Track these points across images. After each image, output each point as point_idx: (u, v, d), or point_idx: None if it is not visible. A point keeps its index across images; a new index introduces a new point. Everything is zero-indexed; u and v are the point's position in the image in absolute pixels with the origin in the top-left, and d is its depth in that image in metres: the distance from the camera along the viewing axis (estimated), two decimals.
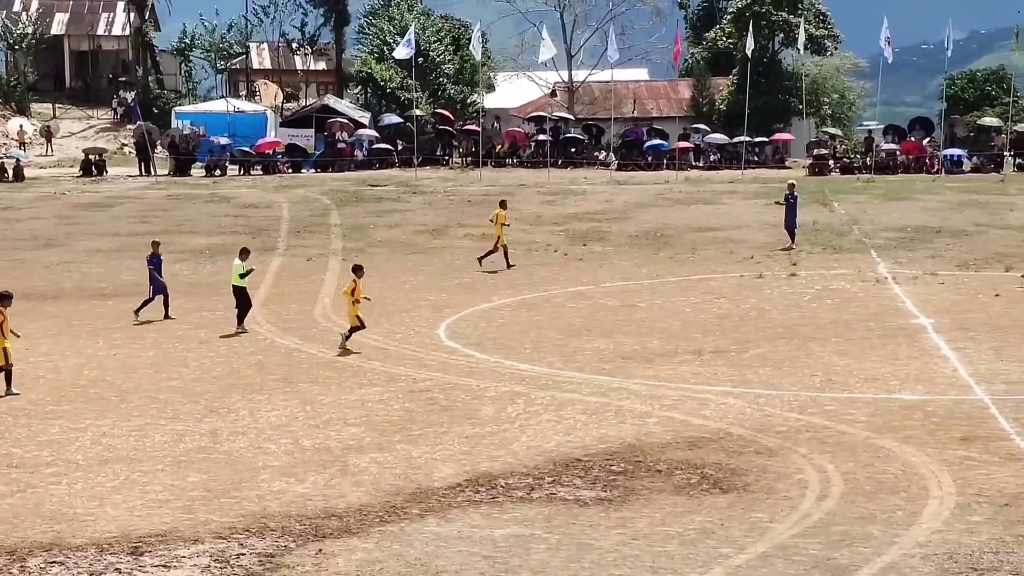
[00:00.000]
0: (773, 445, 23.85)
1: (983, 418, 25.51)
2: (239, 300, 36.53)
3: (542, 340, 34.24)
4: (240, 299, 36.53)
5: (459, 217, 56.57)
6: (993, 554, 18.13)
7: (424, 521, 20.03)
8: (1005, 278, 42.07)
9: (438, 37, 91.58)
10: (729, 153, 75.63)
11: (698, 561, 18.11)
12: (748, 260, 46.46)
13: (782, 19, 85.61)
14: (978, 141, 74.60)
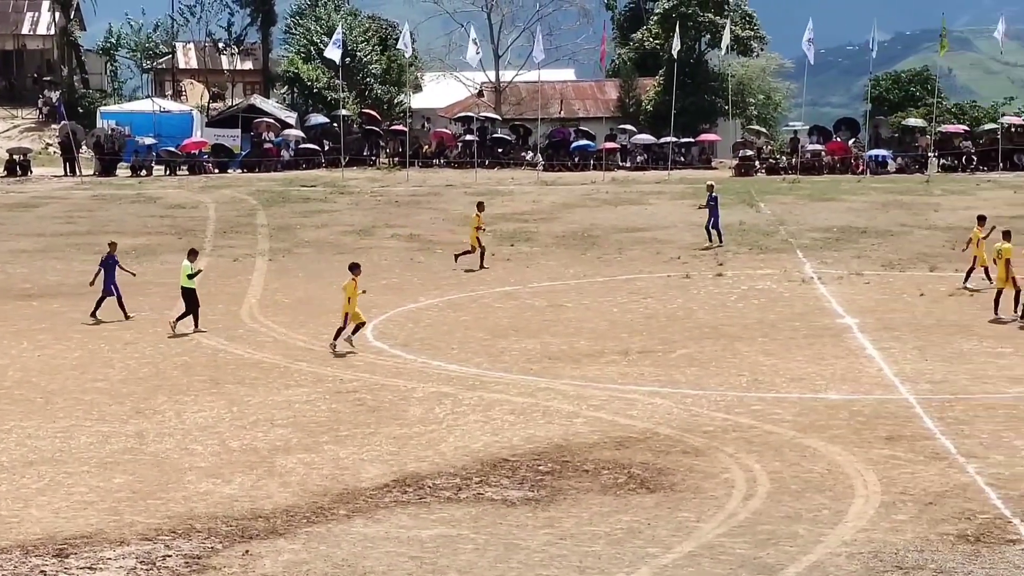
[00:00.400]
0: (700, 445, 23.93)
1: (908, 417, 25.72)
2: (188, 301, 36.21)
3: (469, 341, 34.22)
4: (189, 300, 36.22)
5: (386, 217, 56.45)
6: (918, 552, 18.27)
7: (351, 522, 19.97)
8: (929, 278, 42.42)
9: (365, 37, 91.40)
10: (655, 154, 75.81)
11: (625, 561, 18.14)
12: (675, 260, 46.61)
13: (708, 20, 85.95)
14: (903, 142, 75.15)
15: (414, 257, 48.01)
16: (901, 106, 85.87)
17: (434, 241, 51.17)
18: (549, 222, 55.02)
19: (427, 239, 51.44)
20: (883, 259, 46.09)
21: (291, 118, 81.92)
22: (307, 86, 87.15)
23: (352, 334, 33.12)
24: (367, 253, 48.78)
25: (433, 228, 53.82)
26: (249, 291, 42.46)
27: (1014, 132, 73.69)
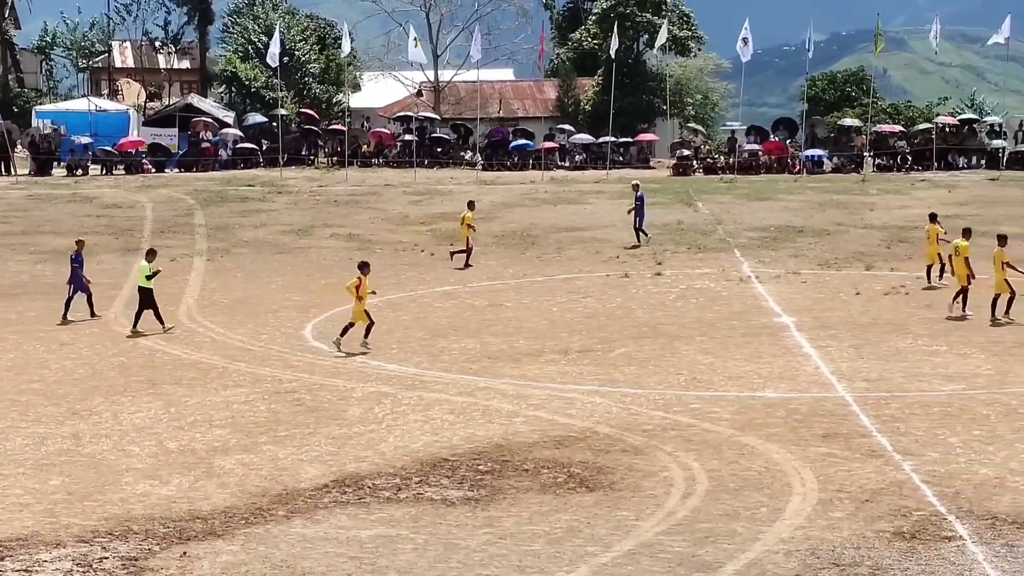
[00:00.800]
0: (639, 443, 24.01)
1: (844, 415, 25.88)
2: (143, 301, 36.00)
3: (409, 340, 34.19)
4: (145, 300, 36.01)
5: (325, 217, 56.31)
6: (854, 549, 18.39)
7: (290, 522, 19.92)
8: (865, 277, 42.71)
9: (303, 36, 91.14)
10: (594, 153, 75.95)
11: (565, 560, 18.18)
12: (614, 260, 46.72)
13: (646, 20, 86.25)
14: (838, 142, 75.58)
15: (353, 257, 47.79)
16: (837, 106, 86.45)
17: (373, 241, 51.10)
18: (488, 222, 55.01)
19: (366, 239, 51.36)
20: (820, 258, 46.36)
21: (229, 117, 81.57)
22: (245, 85, 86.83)
23: (342, 334, 32.92)
24: (305, 253, 48.72)
25: (372, 228, 53.74)
26: (187, 291, 42.28)
27: (948, 132, 74.32)
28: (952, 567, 17.71)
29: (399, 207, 58.99)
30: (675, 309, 38.03)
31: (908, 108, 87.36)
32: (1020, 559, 17.94)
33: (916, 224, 52.66)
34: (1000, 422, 25.12)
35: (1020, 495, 20.66)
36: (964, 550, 18.33)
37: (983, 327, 34.52)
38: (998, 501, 20.37)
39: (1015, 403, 26.50)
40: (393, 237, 51.85)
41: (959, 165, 72.11)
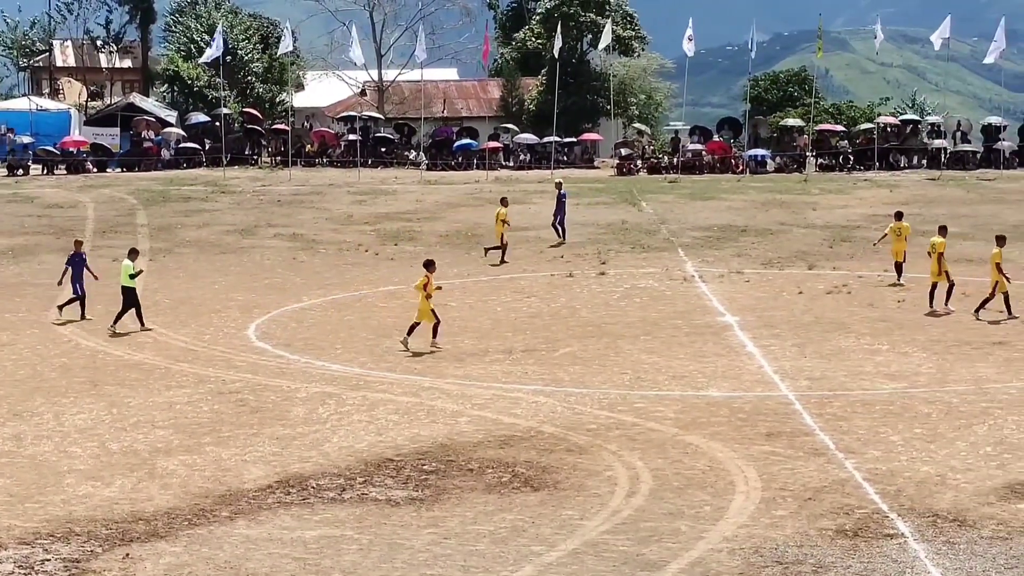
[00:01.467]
0: (583, 443, 24.05)
1: (788, 414, 26.01)
2: (127, 300, 35.91)
3: (353, 340, 34.14)
4: (128, 299, 35.90)
5: (268, 217, 56.14)
6: (797, 547, 18.49)
7: (234, 523, 19.85)
8: (808, 276, 42.93)
9: (246, 35, 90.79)
10: (538, 153, 76.06)
11: (509, 559, 18.19)
12: (558, 259, 46.79)
13: (590, 20, 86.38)
14: (781, 141, 75.97)
15: (297, 256, 47.81)
16: (779, 106, 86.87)
17: (317, 241, 51.00)
18: (433, 221, 55.03)
19: (310, 239, 51.25)
20: (763, 257, 46.58)
21: (171, 117, 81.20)
22: (187, 84, 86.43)
23: (408, 333, 32.88)
24: (249, 253, 48.57)
25: (316, 228, 53.63)
26: None
27: (889, 132, 74.83)
28: (894, 564, 17.83)
29: (343, 207, 58.88)
30: (619, 308, 38.12)
31: (850, 108, 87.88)
32: (961, 556, 18.08)
33: (858, 224, 53.10)
34: (941, 420, 25.31)
35: (961, 493, 20.82)
36: (906, 547, 18.46)
37: (924, 326, 34.77)
38: (939, 499, 20.52)
39: (956, 401, 26.71)
40: (337, 237, 51.75)
41: (900, 165, 72.59)
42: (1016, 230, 51.02)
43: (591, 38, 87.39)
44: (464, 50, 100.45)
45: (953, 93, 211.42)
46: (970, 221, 52.88)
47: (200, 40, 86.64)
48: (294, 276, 44.21)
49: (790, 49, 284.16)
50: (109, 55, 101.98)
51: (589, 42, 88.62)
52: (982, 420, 25.26)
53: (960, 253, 45.99)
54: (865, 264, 44.87)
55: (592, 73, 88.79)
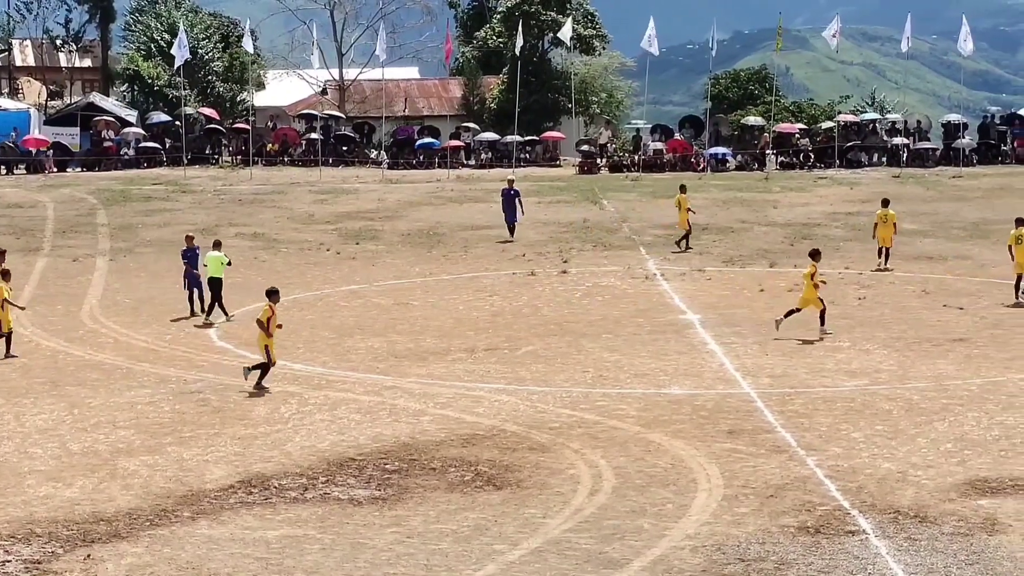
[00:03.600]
0: (546, 441, 24.06)
1: (749, 411, 26.08)
2: (216, 291, 36.80)
3: (315, 340, 34.08)
4: (216, 290, 36.78)
5: (229, 216, 55.98)
6: (759, 544, 18.54)
7: (196, 524, 19.79)
8: (769, 274, 43.05)
9: (207, 35, 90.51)
10: (500, 152, 76.09)
11: (472, 558, 18.19)
12: (520, 258, 46.81)
13: (551, 19, 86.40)
14: (742, 140, 76.18)
15: (258, 256, 47.68)
16: (740, 104, 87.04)
17: (279, 240, 50.88)
18: (394, 220, 54.98)
19: (271, 238, 51.12)
20: (724, 255, 46.68)
21: (132, 116, 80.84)
22: (148, 84, 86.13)
23: (785, 316, 33.44)
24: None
25: (277, 227, 53.50)
26: (89, 291, 41.87)
27: (850, 130, 75.15)
28: (856, 561, 17.90)
29: (304, 206, 58.77)
30: (581, 307, 38.16)
31: (810, 106, 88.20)
32: (922, 552, 18.16)
33: (819, 221, 53.28)
34: (902, 417, 25.43)
35: (922, 489, 20.92)
36: (867, 544, 18.53)
37: (885, 323, 34.91)
38: (900, 495, 20.61)
39: (916, 398, 26.83)
40: (299, 236, 51.64)
41: (861, 163, 72.87)
42: (976, 228, 51.37)
43: (552, 37, 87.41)
44: (425, 49, 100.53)
45: (913, 91, 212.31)
46: (930, 219, 53.13)
47: (160, 39, 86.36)
48: (255, 276, 44.03)
49: (751, 48, 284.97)
50: (69, 54, 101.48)
51: (550, 41, 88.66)
52: (942, 417, 25.38)
53: (920, 250, 46.27)
54: (826, 262, 44.88)
55: (553, 72, 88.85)
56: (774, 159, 73.60)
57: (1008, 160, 73.35)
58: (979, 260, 44.94)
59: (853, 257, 45.80)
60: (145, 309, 38.70)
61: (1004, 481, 21.28)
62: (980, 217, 53.82)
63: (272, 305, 29.02)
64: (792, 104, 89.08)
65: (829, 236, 50.17)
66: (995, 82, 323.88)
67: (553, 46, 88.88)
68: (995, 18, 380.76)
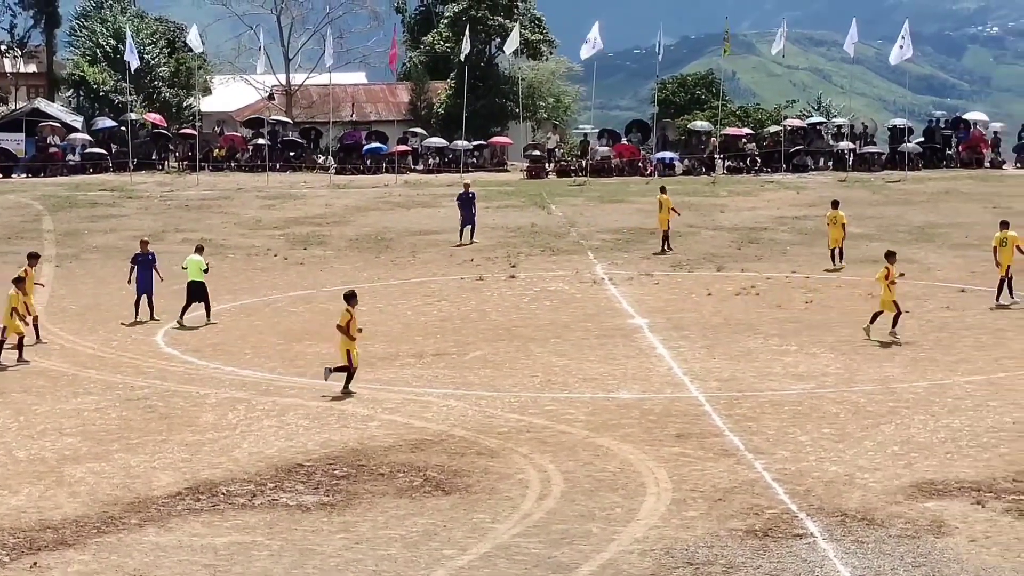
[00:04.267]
0: (495, 446, 24.07)
1: (697, 415, 26.16)
2: (195, 295, 37.03)
3: (263, 345, 33.98)
4: (198, 294, 37.02)
5: (176, 222, 55.76)
6: (708, 548, 18.60)
7: (143, 531, 19.70)
8: (717, 278, 43.18)
9: (153, 40, 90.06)
10: (448, 157, 76.06)
11: (421, 563, 18.18)
12: (468, 263, 46.81)
13: (498, 24, 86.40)
14: (689, 144, 76.40)
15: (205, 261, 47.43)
16: (687, 109, 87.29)
17: (226, 245, 50.69)
18: (342, 225, 54.88)
19: (219, 243, 50.90)
20: (672, 260, 46.80)
21: (77, 122, 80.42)
22: (93, 89, 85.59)
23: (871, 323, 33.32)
24: (157, 258, 48.07)
25: (224, 232, 53.31)
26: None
27: (796, 134, 75.50)
28: (803, 564, 17.98)
29: (252, 211, 58.60)
30: (529, 311, 38.18)
31: (757, 111, 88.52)
32: (869, 555, 18.26)
33: (765, 226, 53.49)
34: (849, 420, 25.56)
35: (869, 492, 21.03)
36: (815, 547, 18.62)
37: (831, 327, 35.07)
38: (847, 498, 20.71)
39: (863, 401, 26.98)
40: (246, 242, 51.47)
41: (807, 167, 73.20)
42: (921, 231, 51.70)
43: (499, 42, 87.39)
44: (372, 54, 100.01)
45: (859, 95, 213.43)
46: (876, 222, 53.42)
47: (106, 45, 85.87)
48: None
49: (697, 52, 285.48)
50: (13, 60, 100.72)
51: (497, 46, 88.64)
52: (889, 420, 25.53)
53: (865, 254, 46.46)
54: (773, 266, 45.22)
55: (501, 77, 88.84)
56: (721, 163, 73.84)
57: (953, 164, 73.88)
58: (925, 264, 45.22)
59: (800, 261, 46.02)
60: (91, 315, 38.49)
61: (950, 483, 21.43)
62: (925, 221, 54.17)
63: (351, 309, 28.71)
64: (739, 109, 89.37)
65: (776, 240, 50.40)
66: (940, 86, 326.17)
67: (500, 51, 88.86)
68: (940, 23, 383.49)
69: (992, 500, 20.53)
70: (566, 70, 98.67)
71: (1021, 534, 19.03)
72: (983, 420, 25.47)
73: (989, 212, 56.24)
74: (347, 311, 28.57)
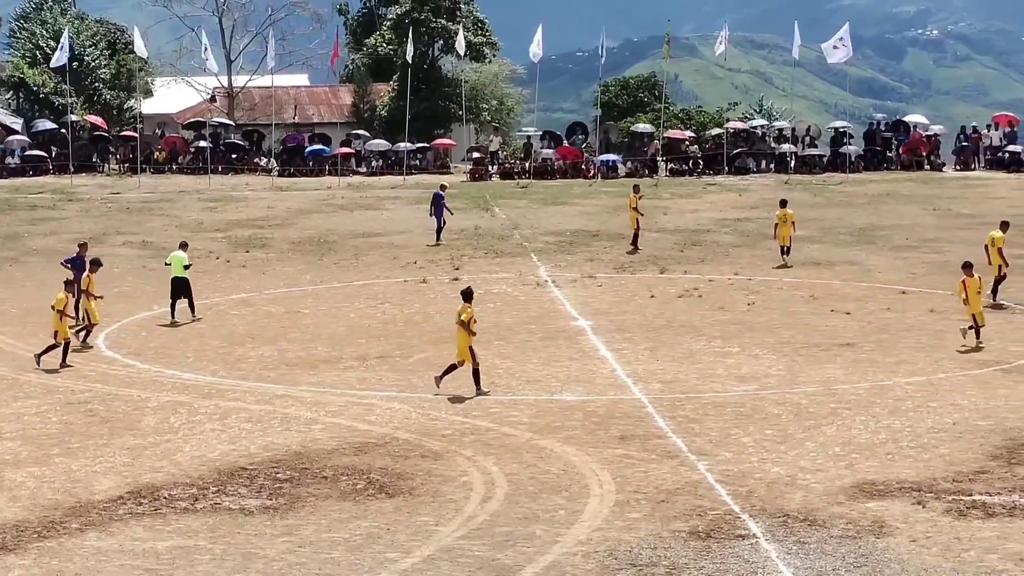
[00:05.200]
0: (438, 448, 24.06)
1: (640, 417, 26.22)
2: (183, 291, 37.41)
3: (205, 348, 33.83)
4: (183, 290, 37.39)
5: (117, 224, 55.45)
6: (651, 549, 18.64)
7: (84, 535, 19.58)
8: (660, 280, 43.29)
9: (93, 42, 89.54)
10: (391, 159, 75.96)
11: (365, 567, 18.15)
12: (411, 265, 46.75)
13: (441, 26, 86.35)
14: (632, 147, 76.61)
15: (147, 264, 47.24)
16: (630, 111, 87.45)
17: (167, 248, 50.28)
18: (285, 228, 54.71)
19: (160, 246, 50.57)
20: (615, 262, 46.90)
21: (16, 124, 79.84)
22: (33, 91, 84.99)
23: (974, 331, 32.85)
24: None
25: (166, 235, 52.99)
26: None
27: (738, 136, 75.85)
28: (746, 564, 18.05)
29: (194, 214, 58.36)
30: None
31: (699, 113, 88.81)
32: (811, 556, 18.35)
33: (708, 228, 53.69)
34: (791, 421, 25.68)
35: (811, 493, 21.14)
36: (757, 548, 18.70)
37: (773, 328, 35.23)
38: (790, 499, 20.81)
39: (805, 402, 27.12)
40: (188, 244, 51.17)
41: (749, 169, 73.54)
42: (863, 233, 51.99)
43: (443, 44, 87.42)
44: (315, 56, 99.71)
45: (800, 98, 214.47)
46: (817, 224, 53.70)
47: (46, 46, 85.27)
48: (144, 284, 43.67)
49: (640, 55, 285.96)
50: None
51: (441, 48, 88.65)
52: (831, 421, 25.67)
53: (807, 256, 46.74)
54: (716, 268, 45.38)
55: (444, 79, 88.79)
56: (664, 166, 74.06)
57: (893, 166, 74.37)
58: (865, 265, 45.48)
59: (743, 263, 46.20)
60: (32, 319, 38.19)
61: (891, 484, 21.56)
62: (867, 223, 54.49)
63: (470, 306, 28.38)
64: (681, 111, 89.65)
65: (719, 242, 50.58)
66: (880, 89, 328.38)
67: (443, 53, 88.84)
68: (881, 26, 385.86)
69: (932, 500, 20.68)
70: (509, 72, 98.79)
71: (961, 534, 19.17)
72: (923, 421, 25.66)
73: (929, 214, 56.76)
74: (468, 307, 28.22)
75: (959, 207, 58.56)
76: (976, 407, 26.67)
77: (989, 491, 21.16)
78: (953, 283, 40.06)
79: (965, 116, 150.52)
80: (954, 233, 51.55)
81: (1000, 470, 22.35)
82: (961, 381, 29.05)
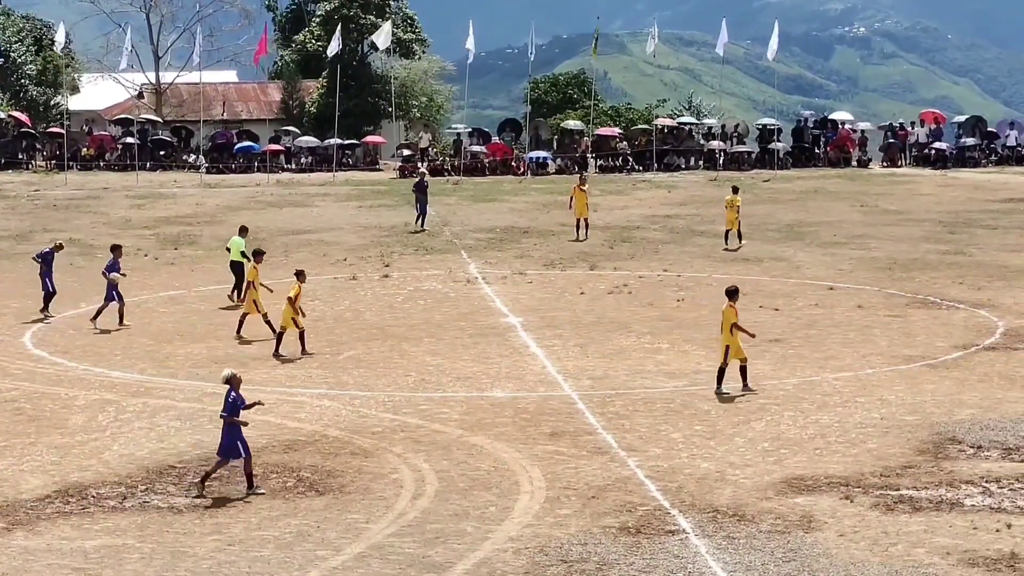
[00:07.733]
0: (368, 446, 24.03)
1: (571, 413, 26.28)
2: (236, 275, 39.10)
3: (133, 346, 33.61)
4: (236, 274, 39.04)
5: (44, 222, 55.00)
6: (581, 545, 18.70)
7: (11, 535, 19.44)
8: (590, 276, 43.37)
9: (19, 37, 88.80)
10: (320, 156, 75.78)
11: (295, 565, 18.11)
12: (341, 262, 46.63)
13: (370, 22, 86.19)
14: (562, 144, 76.76)
15: (74, 262, 46.81)
16: (560, 108, 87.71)
17: (95, 246, 50.03)
18: (214, 225, 54.43)
19: (87, 243, 50.27)
20: (545, 258, 46.95)
21: None
22: None
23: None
24: (24, 259, 47.39)
25: (93, 232, 52.64)
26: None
27: (667, 133, 76.15)
28: (676, 560, 18.13)
29: (121, 211, 57.96)
30: (403, 311, 38.13)
31: (628, 110, 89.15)
32: (740, 550, 18.46)
33: (637, 224, 53.83)
34: (720, 417, 25.82)
35: (740, 488, 21.26)
36: (687, 543, 18.79)
37: (703, 324, 35.35)
38: (719, 495, 20.93)
39: (734, 398, 27.24)
40: (116, 242, 50.80)
41: (678, 166, 73.85)
42: (791, 230, 52.30)
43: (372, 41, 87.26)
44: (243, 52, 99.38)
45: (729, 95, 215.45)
46: (746, 221, 53.79)
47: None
48: (72, 282, 43.24)
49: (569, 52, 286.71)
50: None
51: (370, 44, 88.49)
52: (759, 416, 25.82)
53: (736, 252, 46.97)
54: (645, 264, 45.53)
55: (373, 75, 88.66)
56: (593, 163, 74.25)
57: (821, 163, 74.94)
58: (794, 262, 45.75)
59: (672, 260, 46.36)
60: None
61: (819, 479, 21.72)
62: (794, 219, 54.83)
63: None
64: (611, 108, 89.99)
65: (648, 239, 50.73)
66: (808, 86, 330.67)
67: (372, 50, 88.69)
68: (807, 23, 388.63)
69: (860, 495, 20.85)
70: (439, 69, 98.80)
71: (888, 528, 19.34)
72: (851, 416, 25.86)
73: (856, 210, 57.16)
74: (732, 307, 27.93)
75: (886, 203, 59.03)
76: (903, 402, 26.90)
77: (916, 486, 21.37)
78: (882, 279, 40.50)
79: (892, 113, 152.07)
80: (881, 229, 51.97)
81: (927, 465, 22.57)
82: (888, 376, 29.28)
